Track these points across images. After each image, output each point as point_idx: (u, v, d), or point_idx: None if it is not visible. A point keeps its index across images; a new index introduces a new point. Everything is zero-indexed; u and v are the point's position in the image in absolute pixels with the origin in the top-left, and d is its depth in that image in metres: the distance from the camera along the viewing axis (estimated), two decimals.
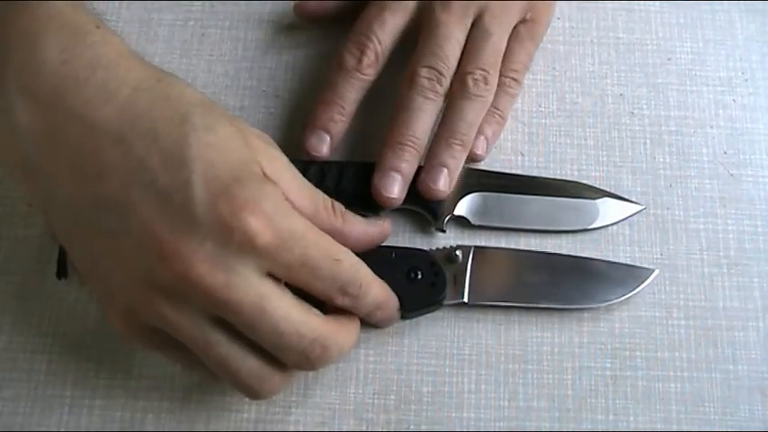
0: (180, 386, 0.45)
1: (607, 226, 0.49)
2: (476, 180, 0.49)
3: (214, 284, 0.36)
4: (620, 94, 0.52)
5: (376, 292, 0.43)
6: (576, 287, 0.46)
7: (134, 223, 0.37)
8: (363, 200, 0.47)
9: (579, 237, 0.48)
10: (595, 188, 0.49)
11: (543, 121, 0.52)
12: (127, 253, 0.37)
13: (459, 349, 0.46)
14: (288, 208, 0.39)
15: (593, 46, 0.54)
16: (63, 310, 0.47)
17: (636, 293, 0.46)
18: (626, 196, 0.49)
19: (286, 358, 0.40)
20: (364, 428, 0.45)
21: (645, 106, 0.52)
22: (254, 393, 0.41)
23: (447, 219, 0.48)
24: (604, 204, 0.49)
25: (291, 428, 0.45)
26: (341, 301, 0.41)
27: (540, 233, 0.48)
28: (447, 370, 0.46)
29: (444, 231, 0.48)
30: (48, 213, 0.40)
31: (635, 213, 0.49)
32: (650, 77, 0.53)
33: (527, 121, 0.52)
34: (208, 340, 0.38)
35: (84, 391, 0.45)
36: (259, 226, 0.37)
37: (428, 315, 0.47)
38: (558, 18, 0.54)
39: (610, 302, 0.46)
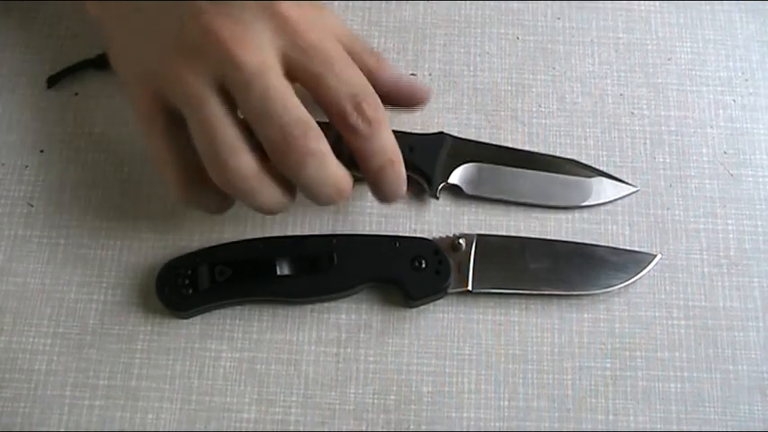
0: (180, 386, 0.45)
1: (600, 204, 0.49)
2: (471, 150, 0.49)
3: (229, 36, 0.39)
4: (620, 94, 0.52)
5: (389, 134, 0.43)
6: (579, 272, 0.46)
7: None
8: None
9: (579, 235, 0.48)
10: (591, 167, 0.50)
11: (543, 121, 0.52)
12: (162, 20, 0.41)
13: (459, 349, 0.46)
14: (323, 8, 0.43)
15: (593, 46, 0.54)
16: (63, 310, 0.47)
17: (638, 278, 0.47)
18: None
19: (265, 130, 0.40)
20: (364, 428, 0.45)
21: (645, 106, 0.52)
22: (222, 168, 0.41)
23: (441, 186, 0.48)
24: (599, 183, 0.49)
25: (291, 428, 0.45)
26: (353, 120, 0.41)
27: (534, 207, 0.49)
28: (447, 370, 0.46)
29: (438, 198, 0.48)
30: None
31: (629, 194, 0.49)
32: (650, 77, 0.53)
33: (527, 121, 0.52)
34: (203, 97, 0.40)
35: (84, 391, 0.45)
36: None
37: (429, 315, 0.47)
38: (558, 18, 0.54)
39: (612, 288, 0.46)
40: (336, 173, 0.42)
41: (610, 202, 0.49)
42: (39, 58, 0.53)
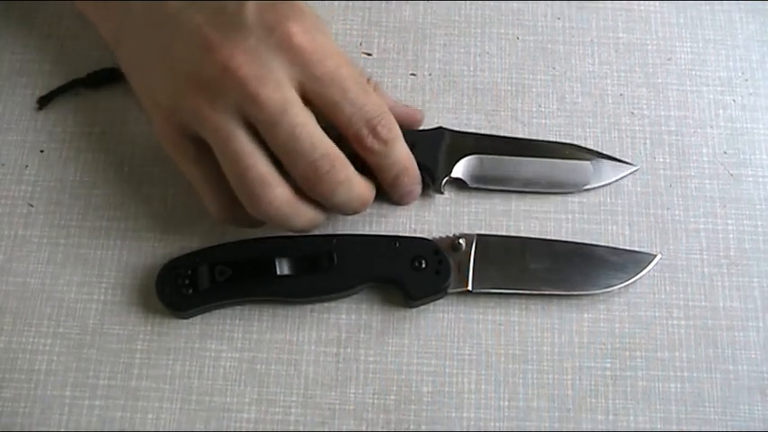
0: (180, 386, 0.45)
1: (601, 186, 0.49)
2: (471, 143, 0.49)
3: (248, 75, 0.40)
4: (620, 94, 0.52)
5: (402, 146, 0.45)
6: (579, 272, 0.46)
7: (187, 26, 0.42)
8: None
9: (579, 236, 0.48)
10: (589, 149, 0.50)
11: (543, 121, 0.52)
12: (177, 51, 0.42)
13: (459, 349, 0.46)
14: (327, 32, 0.43)
15: (593, 46, 0.54)
16: (63, 310, 0.47)
17: (638, 278, 0.47)
18: (625, 195, 0.49)
19: (296, 167, 0.41)
20: (364, 428, 0.45)
21: (645, 106, 0.52)
22: (256, 202, 0.42)
23: (444, 181, 0.48)
24: (598, 165, 0.49)
25: (291, 428, 0.45)
26: (369, 142, 0.43)
27: (536, 194, 0.49)
28: (447, 370, 0.46)
29: (443, 193, 0.49)
30: (106, 21, 0.47)
31: (628, 174, 0.50)
32: (650, 77, 0.53)
33: (527, 121, 0.52)
34: (230, 132, 0.41)
35: (84, 391, 0.45)
36: (298, 30, 0.41)
37: (429, 315, 0.47)
38: (558, 18, 0.54)
39: (612, 288, 0.46)
40: (362, 190, 0.44)
41: (612, 182, 0.49)
42: (39, 58, 0.53)
